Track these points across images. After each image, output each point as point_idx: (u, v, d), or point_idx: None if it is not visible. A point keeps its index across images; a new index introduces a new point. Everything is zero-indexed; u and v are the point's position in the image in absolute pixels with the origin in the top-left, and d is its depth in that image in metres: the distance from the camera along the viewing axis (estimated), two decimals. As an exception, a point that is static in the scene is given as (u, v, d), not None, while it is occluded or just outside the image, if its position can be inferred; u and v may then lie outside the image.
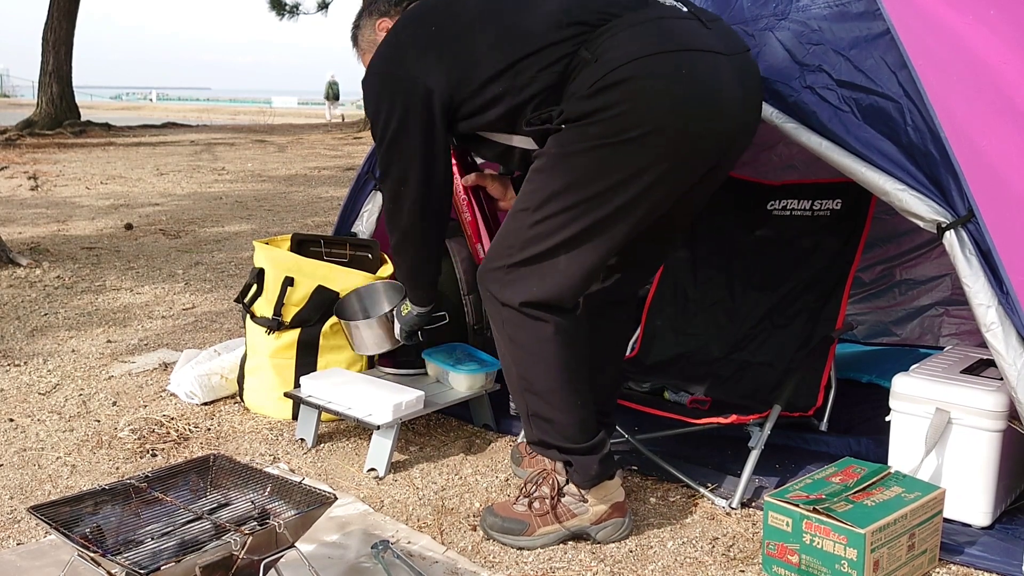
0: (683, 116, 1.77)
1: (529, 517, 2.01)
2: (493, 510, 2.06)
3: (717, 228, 2.95)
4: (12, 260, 4.83)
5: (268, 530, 1.53)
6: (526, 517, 2.01)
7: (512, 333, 1.95)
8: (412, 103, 1.92)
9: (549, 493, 2.01)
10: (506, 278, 1.92)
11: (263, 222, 6.67)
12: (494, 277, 1.95)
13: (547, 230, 1.87)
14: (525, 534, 2.00)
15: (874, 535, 1.75)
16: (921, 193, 1.91)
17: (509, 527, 2.01)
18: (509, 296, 1.92)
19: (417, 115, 1.93)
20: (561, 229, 1.86)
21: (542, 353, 1.93)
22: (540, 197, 1.87)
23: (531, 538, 2.00)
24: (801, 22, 2.10)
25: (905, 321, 3.13)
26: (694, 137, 1.80)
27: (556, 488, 2.01)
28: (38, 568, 1.89)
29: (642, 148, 1.78)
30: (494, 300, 1.95)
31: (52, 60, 16.08)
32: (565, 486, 2.01)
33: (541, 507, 2.01)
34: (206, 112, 32.38)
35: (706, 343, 2.79)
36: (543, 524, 2.01)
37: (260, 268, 2.77)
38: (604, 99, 1.77)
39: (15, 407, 2.87)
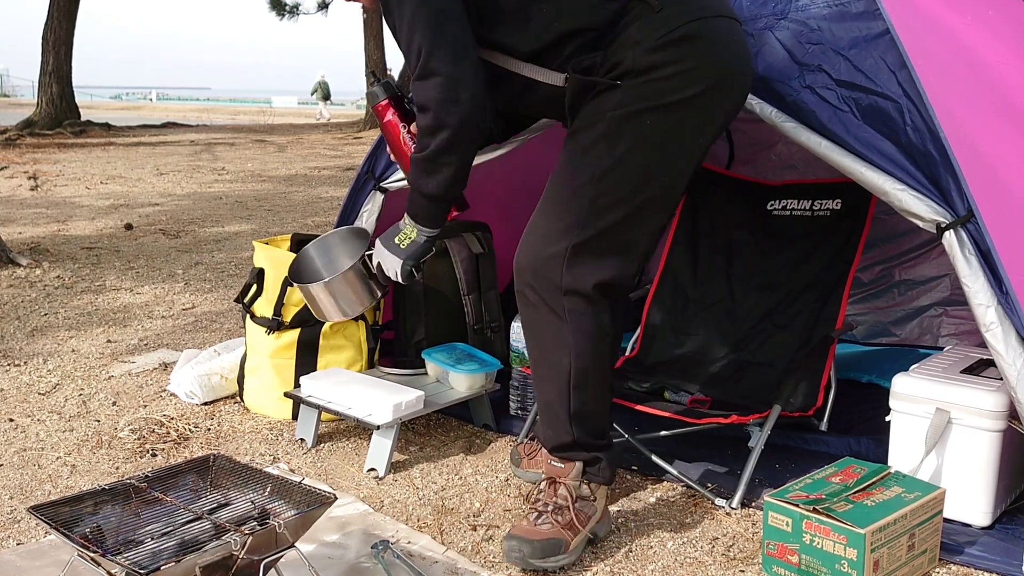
0: (733, 79, 1.82)
1: (560, 532, 1.88)
2: (522, 537, 1.87)
3: (717, 228, 2.95)
4: (12, 260, 4.83)
5: (268, 530, 1.53)
6: (557, 534, 1.88)
7: (577, 323, 1.79)
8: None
9: (570, 501, 1.91)
10: (571, 260, 1.76)
11: (263, 222, 6.67)
12: (552, 263, 1.77)
13: (612, 201, 1.75)
14: (564, 552, 1.88)
15: (874, 535, 1.75)
16: (921, 193, 1.91)
17: (548, 550, 1.86)
18: (577, 281, 1.77)
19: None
20: (628, 199, 1.75)
21: (604, 342, 1.84)
22: (603, 166, 1.74)
23: (568, 554, 1.89)
24: (800, 22, 2.10)
25: (904, 321, 3.13)
26: (735, 101, 1.87)
27: (573, 494, 1.93)
28: (38, 568, 1.89)
29: (702, 109, 1.77)
30: (552, 288, 1.78)
31: (52, 60, 16.08)
32: (578, 489, 1.94)
33: (565, 518, 1.90)
34: (206, 112, 32.39)
35: (706, 343, 2.79)
36: (573, 535, 1.90)
37: (260, 268, 2.77)
38: (671, 53, 1.71)
39: (15, 407, 2.87)
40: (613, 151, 1.74)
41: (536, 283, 1.81)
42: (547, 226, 1.80)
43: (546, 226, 1.80)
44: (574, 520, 1.91)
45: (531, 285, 1.82)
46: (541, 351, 1.89)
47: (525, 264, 1.83)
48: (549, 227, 1.80)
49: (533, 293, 1.83)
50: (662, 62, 1.71)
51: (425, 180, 1.85)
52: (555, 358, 1.86)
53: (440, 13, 1.71)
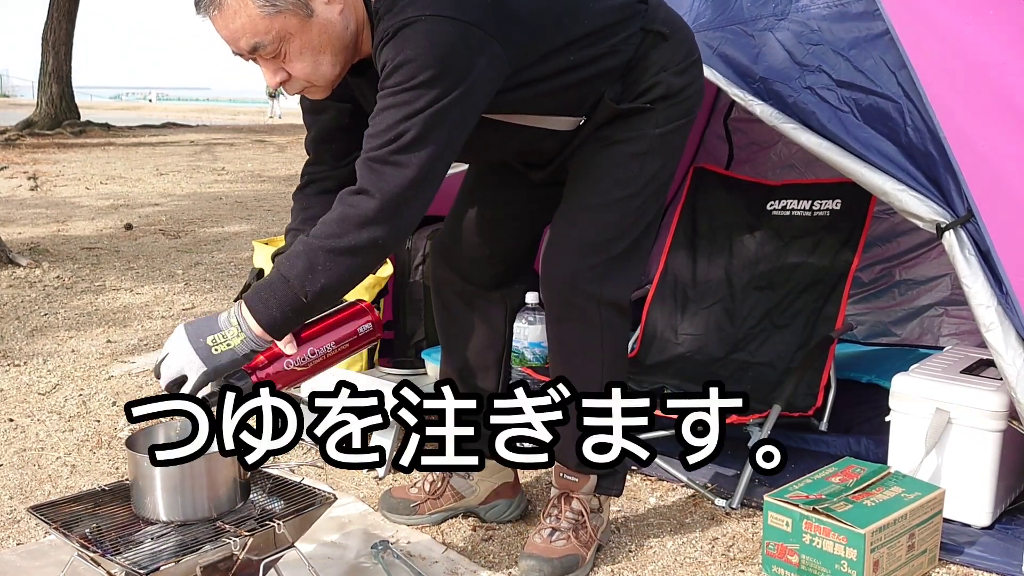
0: None
1: (575, 548, 1.87)
2: (540, 556, 1.85)
3: (717, 228, 2.95)
4: (12, 260, 4.83)
5: (268, 530, 1.53)
6: (573, 550, 1.87)
7: (612, 337, 1.79)
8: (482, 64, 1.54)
9: (585, 516, 1.90)
10: (607, 273, 1.77)
11: (263, 222, 6.67)
12: (592, 275, 1.76)
13: (643, 214, 1.80)
14: (581, 566, 1.88)
15: (874, 535, 1.75)
16: (920, 193, 1.91)
17: (567, 567, 1.85)
18: (615, 293, 1.77)
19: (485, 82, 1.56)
20: (653, 210, 1.82)
21: (626, 357, 1.86)
22: (642, 180, 1.78)
23: (585, 567, 1.89)
24: (801, 22, 2.10)
25: (905, 321, 3.13)
26: None
27: (587, 508, 1.91)
28: (38, 568, 1.89)
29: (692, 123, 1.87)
30: (591, 300, 1.76)
31: (52, 60, 16.07)
32: (591, 502, 1.92)
33: (581, 533, 1.89)
34: (206, 112, 32.37)
35: (706, 343, 2.80)
36: (587, 549, 1.90)
37: (260, 268, 2.77)
38: (692, 75, 1.82)
39: (15, 407, 2.87)
40: (651, 166, 1.79)
41: (572, 296, 1.77)
42: (581, 237, 1.78)
43: (580, 237, 1.78)
44: (590, 534, 1.91)
45: (566, 299, 1.78)
46: (570, 366, 1.82)
47: (559, 277, 1.78)
48: (584, 239, 1.78)
49: (566, 307, 1.79)
50: (687, 83, 1.80)
51: (316, 276, 1.51)
52: (586, 373, 1.80)
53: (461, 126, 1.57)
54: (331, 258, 1.51)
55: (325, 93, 1.66)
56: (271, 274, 1.57)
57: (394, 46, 1.51)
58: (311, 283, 1.51)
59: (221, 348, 1.54)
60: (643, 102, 1.77)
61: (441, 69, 1.49)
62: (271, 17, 1.49)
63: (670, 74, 1.77)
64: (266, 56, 1.54)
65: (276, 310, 1.53)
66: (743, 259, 2.87)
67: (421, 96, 1.49)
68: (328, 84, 1.63)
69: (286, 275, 1.52)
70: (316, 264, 1.51)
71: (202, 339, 1.54)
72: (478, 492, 2.11)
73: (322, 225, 1.54)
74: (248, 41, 1.52)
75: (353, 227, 1.51)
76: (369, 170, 1.52)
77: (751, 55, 2.12)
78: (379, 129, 1.52)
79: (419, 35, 1.49)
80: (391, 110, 1.51)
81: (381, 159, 1.51)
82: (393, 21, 1.51)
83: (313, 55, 1.56)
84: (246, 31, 1.50)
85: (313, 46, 1.55)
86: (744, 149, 3.42)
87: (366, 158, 1.54)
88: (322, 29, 1.55)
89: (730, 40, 2.16)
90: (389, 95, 1.52)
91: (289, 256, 1.54)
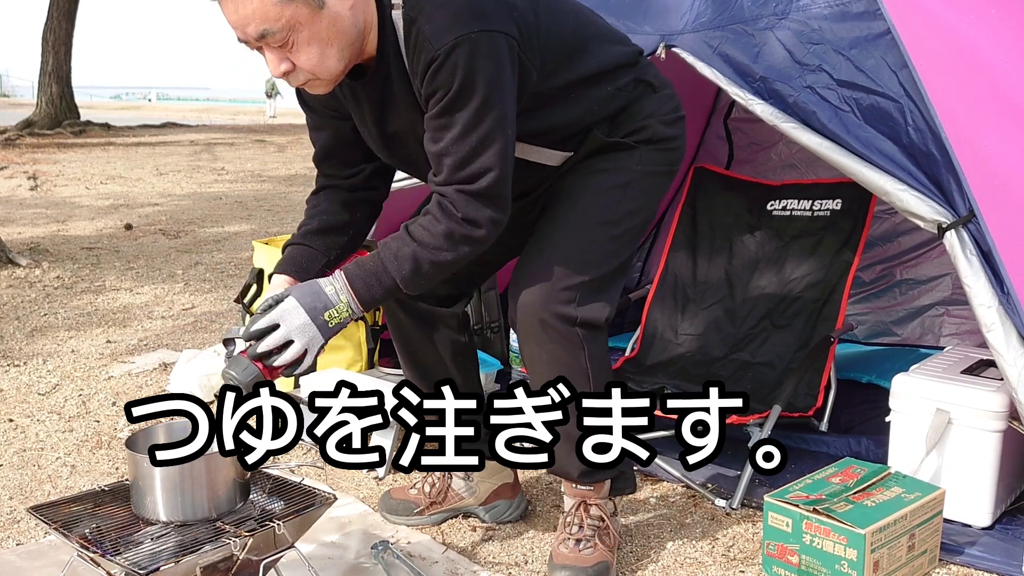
0: None
1: (603, 555, 1.86)
2: (574, 567, 1.84)
3: (717, 228, 2.95)
4: (12, 260, 4.83)
5: (268, 530, 1.53)
6: (602, 556, 1.86)
7: (593, 348, 1.79)
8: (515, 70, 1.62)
9: (607, 520, 1.90)
10: (582, 296, 1.75)
11: (263, 222, 6.67)
12: (567, 296, 1.74)
13: (621, 246, 1.82)
14: (610, 571, 1.87)
15: (874, 535, 1.75)
16: (922, 193, 1.91)
17: (600, 573, 1.85)
18: (590, 314, 1.75)
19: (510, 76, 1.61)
20: (629, 246, 1.84)
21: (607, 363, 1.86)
22: (621, 211, 1.81)
23: (613, 571, 1.89)
24: (801, 22, 2.10)
25: (905, 321, 3.13)
26: None
27: (607, 512, 1.91)
28: (38, 568, 1.89)
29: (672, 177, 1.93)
30: (566, 321, 1.74)
31: (52, 60, 16.07)
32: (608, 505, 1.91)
33: (606, 538, 1.89)
34: (206, 112, 32.39)
35: (706, 343, 2.79)
36: (612, 554, 1.89)
37: (260, 268, 2.77)
38: (678, 129, 1.88)
39: (15, 407, 2.86)
40: (631, 201, 1.82)
41: (548, 317, 1.74)
42: (558, 258, 1.76)
43: (556, 258, 1.76)
44: (613, 537, 1.90)
45: (541, 320, 1.75)
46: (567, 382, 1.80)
47: (533, 300, 1.75)
48: (560, 259, 1.76)
49: (543, 329, 1.76)
50: (674, 135, 1.86)
51: (415, 273, 1.64)
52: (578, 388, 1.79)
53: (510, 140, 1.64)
54: (436, 266, 1.65)
55: (327, 88, 1.67)
56: (375, 261, 1.65)
57: (448, 70, 1.55)
58: (414, 283, 1.65)
59: (334, 322, 1.63)
60: (632, 141, 1.81)
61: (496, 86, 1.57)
62: (283, 5, 1.50)
63: (657, 121, 1.83)
64: (273, 44, 1.55)
65: (379, 296, 1.66)
66: (743, 259, 2.87)
67: (486, 115, 1.57)
68: (332, 79, 1.63)
69: (392, 273, 1.64)
70: (421, 268, 1.64)
71: (321, 315, 1.60)
72: (478, 493, 2.11)
73: (429, 233, 1.63)
74: (257, 27, 1.52)
75: (460, 242, 1.63)
76: (467, 202, 1.61)
77: (751, 54, 2.12)
78: (462, 156, 1.60)
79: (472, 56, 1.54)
80: (469, 137, 1.58)
81: (478, 193, 1.61)
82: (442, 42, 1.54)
83: (320, 47, 1.57)
84: (256, 17, 1.51)
85: (321, 38, 1.56)
86: (744, 149, 3.42)
87: (460, 189, 1.60)
88: (332, 22, 1.56)
89: (730, 39, 2.16)
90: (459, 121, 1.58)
91: (398, 256, 1.64)
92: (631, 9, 2.37)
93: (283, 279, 1.80)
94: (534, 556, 1.98)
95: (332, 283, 1.63)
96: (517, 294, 1.78)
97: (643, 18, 2.33)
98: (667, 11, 2.30)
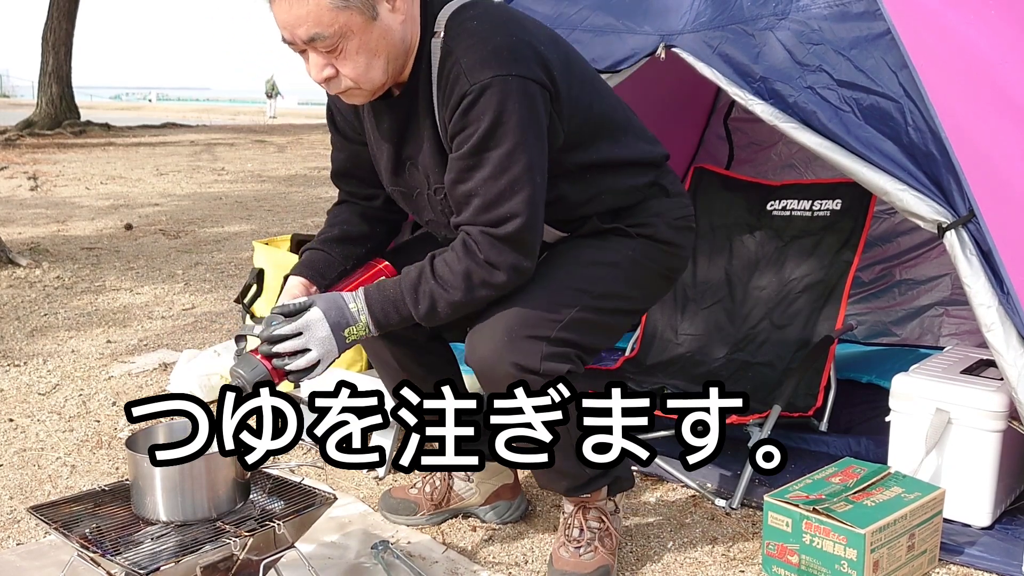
0: None
1: (604, 558, 1.86)
2: (568, 572, 1.83)
3: (717, 228, 2.95)
4: (12, 260, 4.83)
5: (268, 530, 1.53)
6: (602, 560, 1.85)
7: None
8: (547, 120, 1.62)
9: (607, 522, 1.89)
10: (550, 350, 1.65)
11: (263, 222, 6.67)
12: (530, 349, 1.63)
13: (595, 320, 1.72)
14: (611, 574, 1.87)
15: (874, 535, 1.75)
16: (922, 193, 1.91)
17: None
18: (551, 369, 1.64)
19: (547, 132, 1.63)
20: (602, 326, 1.75)
21: None
22: (603, 288, 1.74)
23: (614, 572, 1.89)
24: (801, 22, 2.10)
25: (905, 321, 3.13)
26: None
27: (606, 513, 1.90)
28: (38, 568, 1.89)
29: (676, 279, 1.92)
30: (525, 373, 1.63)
31: (52, 60, 16.07)
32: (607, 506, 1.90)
33: (606, 541, 1.88)
34: (206, 112, 32.38)
35: (706, 343, 2.79)
36: (613, 556, 1.88)
37: (260, 268, 2.77)
38: (684, 237, 1.85)
39: (15, 407, 2.86)
40: (613, 282, 1.77)
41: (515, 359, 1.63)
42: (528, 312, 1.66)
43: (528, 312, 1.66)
44: (613, 537, 1.90)
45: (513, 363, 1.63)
46: None
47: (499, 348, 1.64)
48: (530, 314, 1.66)
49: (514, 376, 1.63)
50: (678, 242, 1.84)
51: (431, 310, 1.64)
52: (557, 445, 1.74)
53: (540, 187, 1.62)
54: (452, 306, 1.64)
55: (364, 100, 1.67)
56: (395, 288, 1.65)
57: (482, 107, 1.54)
58: (429, 318, 1.65)
59: (351, 339, 1.65)
60: (635, 232, 1.78)
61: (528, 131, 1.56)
62: (338, 10, 1.50)
63: (663, 222, 1.81)
64: (321, 49, 1.55)
65: (395, 323, 1.66)
66: (743, 259, 2.87)
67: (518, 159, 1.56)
68: (372, 90, 1.63)
69: (411, 306, 1.64)
70: (437, 307, 1.64)
71: (341, 331, 1.63)
72: (478, 494, 2.11)
73: (451, 272, 1.62)
74: (308, 30, 1.52)
75: (476, 285, 1.62)
76: (490, 245, 1.60)
77: (752, 54, 2.12)
78: (490, 198, 1.58)
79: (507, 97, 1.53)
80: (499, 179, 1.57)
81: (503, 238, 1.59)
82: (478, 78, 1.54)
83: (368, 57, 1.57)
84: (310, 19, 1.51)
85: (370, 48, 1.56)
86: (744, 149, 3.43)
87: (485, 231, 1.59)
88: (383, 34, 1.56)
89: (730, 39, 2.16)
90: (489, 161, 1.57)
91: (416, 290, 1.63)
92: (631, 9, 2.37)
93: (299, 281, 1.82)
94: (534, 556, 1.98)
95: (355, 301, 1.65)
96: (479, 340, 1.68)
97: (643, 18, 2.33)
98: (667, 11, 2.30)
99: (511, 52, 1.55)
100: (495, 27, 1.59)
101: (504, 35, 1.57)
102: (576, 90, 1.68)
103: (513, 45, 1.57)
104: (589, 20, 2.42)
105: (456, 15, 1.62)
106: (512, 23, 1.63)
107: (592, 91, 1.74)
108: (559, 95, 1.63)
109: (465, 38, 1.58)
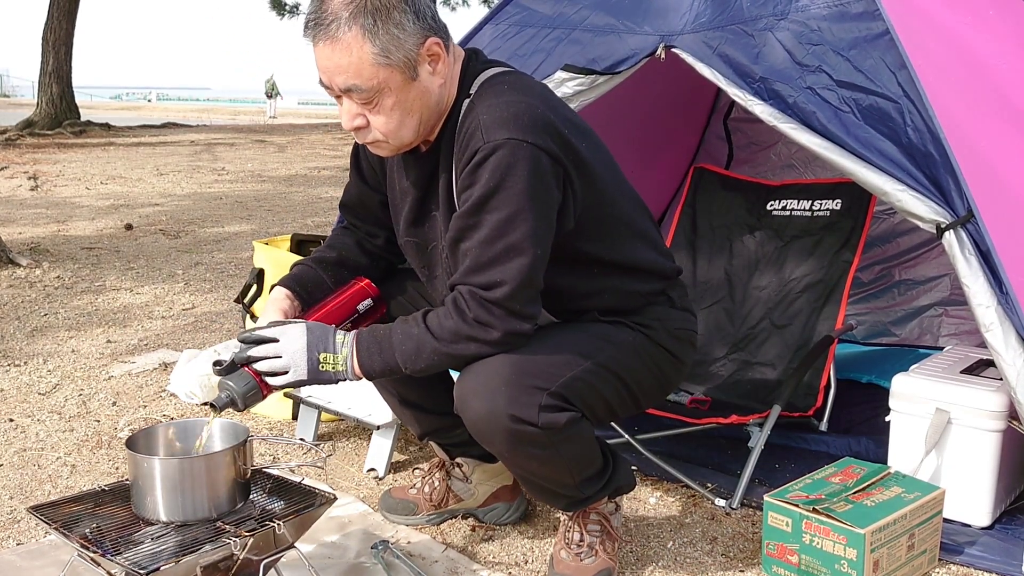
0: None
1: (605, 561, 1.85)
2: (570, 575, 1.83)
3: (717, 228, 2.95)
4: (12, 260, 4.83)
5: (268, 530, 1.53)
6: (604, 564, 1.84)
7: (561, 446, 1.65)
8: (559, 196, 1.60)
9: (607, 524, 1.88)
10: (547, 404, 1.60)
11: (263, 222, 6.67)
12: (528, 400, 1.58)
13: (597, 388, 1.69)
14: None
15: (874, 535, 1.75)
16: (921, 193, 1.91)
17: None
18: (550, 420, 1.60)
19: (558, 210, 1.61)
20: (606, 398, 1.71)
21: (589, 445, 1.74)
22: (606, 359, 1.69)
23: (615, 573, 1.88)
24: (801, 22, 2.10)
25: (904, 321, 3.13)
26: None
27: (606, 516, 1.89)
28: (38, 568, 1.89)
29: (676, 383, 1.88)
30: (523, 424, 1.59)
31: (52, 60, 16.07)
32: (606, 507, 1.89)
33: (607, 544, 1.87)
34: (206, 112, 32.37)
35: (706, 343, 2.80)
36: (614, 559, 1.88)
37: (260, 268, 2.77)
38: (680, 348, 1.81)
39: (15, 407, 2.87)
40: (610, 357, 1.71)
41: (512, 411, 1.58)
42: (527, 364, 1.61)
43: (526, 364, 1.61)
44: (615, 538, 1.89)
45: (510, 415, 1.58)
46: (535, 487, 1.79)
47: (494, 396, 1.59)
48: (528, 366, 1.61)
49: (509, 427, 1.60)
50: (675, 350, 1.80)
51: (419, 360, 1.61)
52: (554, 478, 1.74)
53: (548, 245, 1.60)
54: (438, 355, 1.61)
55: (389, 154, 1.68)
56: (386, 331, 1.64)
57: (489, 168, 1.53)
58: (412, 363, 1.62)
59: (326, 367, 1.63)
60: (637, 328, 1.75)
61: (534, 199, 1.53)
62: (379, 66, 1.52)
63: (664, 328, 1.78)
64: (357, 100, 1.56)
65: (378, 365, 1.63)
66: (743, 259, 2.87)
67: (517, 225, 1.53)
68: (399, 147, 1.65)
69: (395, 348, 1.62)
70: (423, 352, 1.61)
71: (317, 352, 1.62)
72: (477, 495, 2.11)
73: (440, 325, 1.60)
74: (347, 80, 1.53)
75: (464, 340, 1.59)
76: (479, 305, 1.57)
77: (751, 55, 2.12)
78: (482, 261, 1.56)
79: (516, 162, 1.52)
80: (495, 244, 1.55)
81: (490, 302, 1.56)
82: (492, 137, 1.53)
83: (402, 115, 1.58)
84: (350, 70, 1.52)
85: (405, 107, 1.57)
86: (744, 149, 3.43)
87: (473, 292, 1.56)
88: (420, 94, 1.58)
89: (730, 40, 2.16)
90: (487, 223, 1.55)
91: (406, 332, 1.62)
92: (631, 9, 2.37)
93: (283, 292, 1.81)
94: (534, 556, 1.99)
95: (344, 335, 1.65)
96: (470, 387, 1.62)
97: (643, 18, 2.33)
98: (667, 11, 2.30)
99: (531, 120, 1.54)
100: (524, 95, 1.58)
101: (528, 104, 1.56)
102: (600, 183, 1.66)
103: (534, 115, 1.55)
104: (589, 20, 2.42)
105: (492, 78, 1.63)
106: (542, 99, 1.60)
107: (616, 191, 1.72)
108: (575, 176, 1.61)
109: (491, 97, 1.58)
